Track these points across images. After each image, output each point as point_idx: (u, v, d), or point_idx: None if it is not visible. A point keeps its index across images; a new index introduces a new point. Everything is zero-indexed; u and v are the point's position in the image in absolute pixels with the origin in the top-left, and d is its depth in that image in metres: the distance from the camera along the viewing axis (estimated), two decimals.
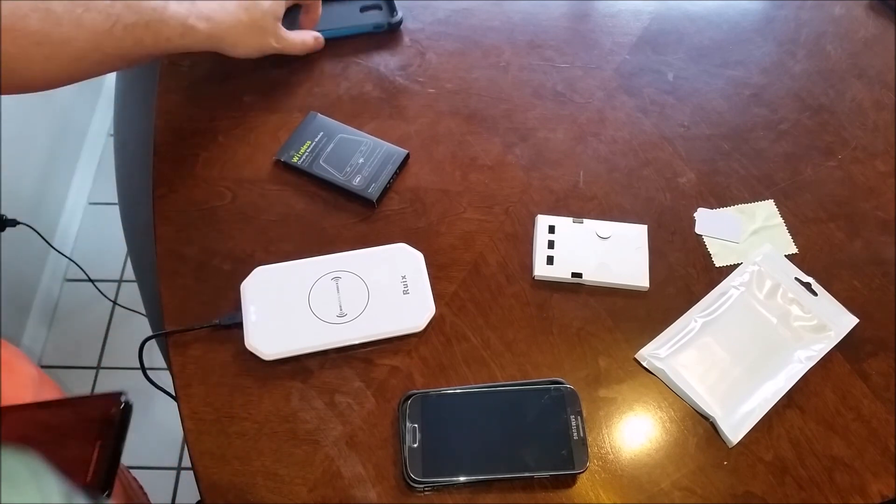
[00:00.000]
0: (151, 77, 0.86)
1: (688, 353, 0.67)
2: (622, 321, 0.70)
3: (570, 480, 0.62)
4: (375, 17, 0.87)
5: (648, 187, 0.78)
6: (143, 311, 0.78)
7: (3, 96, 1.35)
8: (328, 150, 0.77)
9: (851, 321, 0.69)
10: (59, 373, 1.56)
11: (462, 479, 0.60)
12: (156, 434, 1.46)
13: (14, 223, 1.36)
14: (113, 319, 1.64)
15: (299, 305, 0.68)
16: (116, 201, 1.04)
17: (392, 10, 0.87)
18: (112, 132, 1.02)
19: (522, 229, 0.75)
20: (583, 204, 0.77)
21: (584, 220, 0.74)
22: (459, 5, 0.92)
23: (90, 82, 1.77)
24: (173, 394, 0.67)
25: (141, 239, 0.94)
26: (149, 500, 0.70)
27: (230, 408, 0.65)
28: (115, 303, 1.63)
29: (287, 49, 0.80)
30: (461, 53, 0.88)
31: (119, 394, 0.43)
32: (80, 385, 1.54)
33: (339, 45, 0.88)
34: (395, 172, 0.76)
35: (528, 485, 0.61)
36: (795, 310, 0.69)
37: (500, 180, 0.78)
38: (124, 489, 0.62)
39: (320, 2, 0.81)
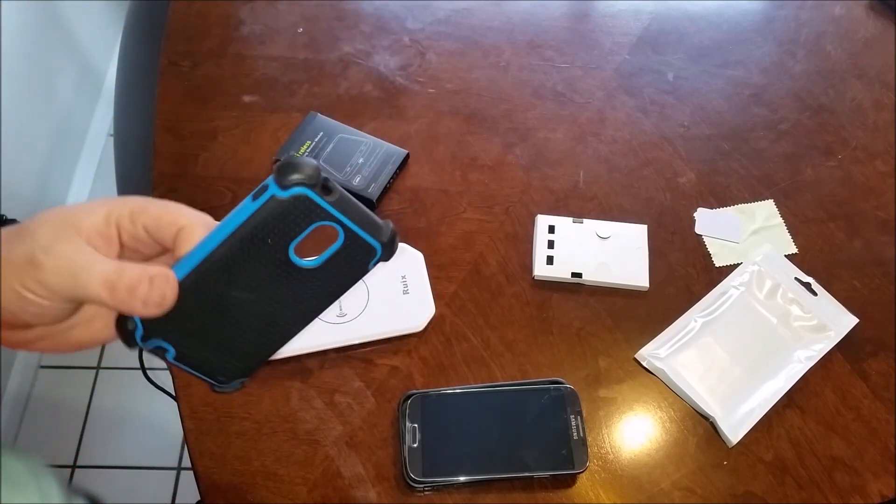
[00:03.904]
0: (151, 77, 0.86)
1: (688, 353, 0.67)
2: (622, 321, 0.70)
3: (569, 480, 0.62)
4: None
5: (648, 187, 0.78)
6: None
7: (3, 96, 1.35)
8: (328, 150, 0.77)
9: (851, 321, 0.69)
10: (59, 373, 1.56)
11: (462, 478, 0.60)
12: (156, 434, 1.46)
13: (14, 223, 1.36)
14: None
15: None
16: None
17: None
18: (112, 132, 1.03)
19: (522, 229, 0.75)
20: (583, 204, 0.77)
21: (584, 220, 0.74)
22: (459, 5, 0.92)
23: (90, 82, 1.77)
24: (173, 394, 0.67)
25: None
26: None
27: (230, 408, 0.65)
28: None
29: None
30: (461, 53, 0.88)
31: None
32: (80, 385, 1.54)
33: (338, 45, 0.88)
34: (395, 172, 0.76)
35: (528, 485, 0.61)
36: (795, 310, 0.69)
37: (500, 180, 0.78)
38: None
39: (198, 227, 0.39)
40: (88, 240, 0.36)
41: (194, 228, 0.38)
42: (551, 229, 0.74)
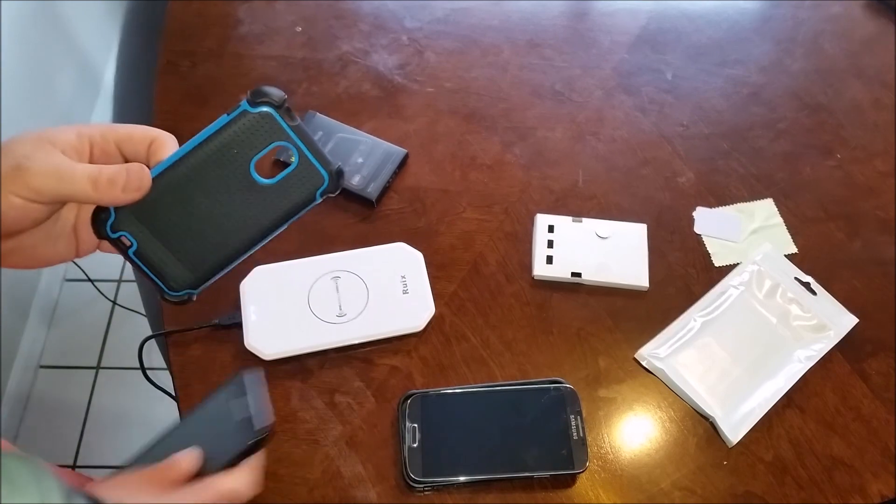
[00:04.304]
0: (151, 77, 0.86)
1: (687, 353, 0.67)
2: (622, 321, 0.70)
3: (569, 480, 0.62)
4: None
5: (647, 186, 0.78)
6: (143, 311, 0.78)
7: (3, 96, 1.35)
8: (327, 149, 0.77)
9: (851, 321, 0.69)
10: (59, 373, 1.56)
11: (462, 478, 0.60)
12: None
13: None
14: (113, 319, 1.64)
15: (299, 305, 0.67)
16: None
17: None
18: None
19: (522, 229, 0.75)
20: (582, 203, 0.77)
21: (584, 220, 0.74)
22: (458, 4, 0.92)
23: (90, 82, 1.77)
24: (173, 394, 0.67)
25: None
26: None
27: None
28: (115, 303, 1.63)
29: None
30: (460, 52, 0.88)
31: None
32: (80, 385, 1.54)
33: (337, 44, 0.88)
34: (395, 172, 0.76)
35: (528, 485, 0.61)
36: (795, 309, 0.69)
37: (500, 180, 0.78)
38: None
39: (169, 139, 0.44)
40: (63, 152, 0.41)
41: (165, 140, 0.43)
42: (551, 229, 0.74)
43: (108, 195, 0.40)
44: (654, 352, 0.67)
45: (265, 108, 0.41)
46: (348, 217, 0.75)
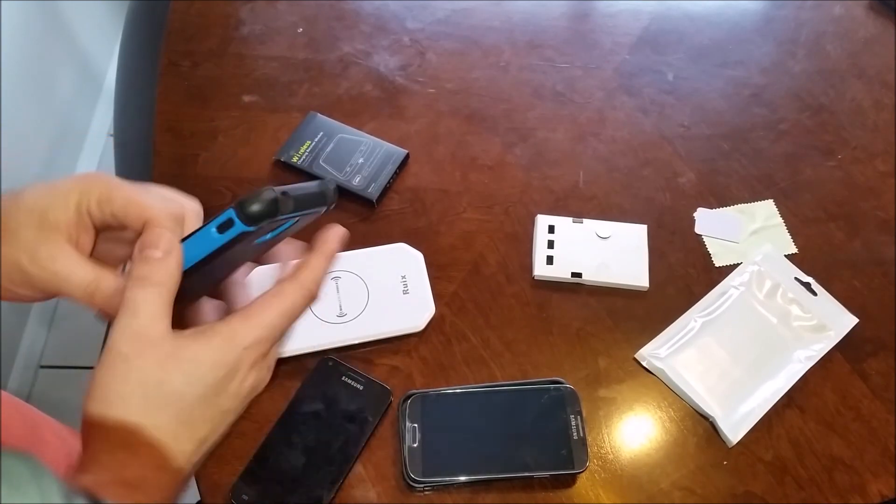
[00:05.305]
0: (151, 77, 0.86)
1: (688, 353, 0.67)
2: (622, 321, 0.70)
3: (569, 480, 0.62)
4: None
5: (648, 187, 0.78)
6: None
7: (3, 96, 1.35)
8: (328, 149, 0.77)
9: (851, 321, 0.69)
10: (59, 373, 1.56)
11: (462, 478, 0.60)
12: None
13: None
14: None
15: None
16: None
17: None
18: (112, 132, 1.03)
19: (522, 229, 0.75)
20: (582, 204, 0.77)
21: (584, 220, 0.74)
22: (459, 5, 0.92)
23: (90, 82, 1.77)
24: None
25: None
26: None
27: None
28: None
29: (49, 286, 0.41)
30: (461, 53, 0.88)
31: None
32: (80, 385, 1.54)
33: (338, 45, 0.88)
34: (395, 172, 0.76)
35: (528, 484, 0.61)
36: (795, 310, 0.69)
37: (500, 180, 0.78)
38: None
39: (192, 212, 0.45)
40: (68, 235, 0.40)
41: (160, 222, 0.40)
42: (551, 229, 0.74)
43: (105, 310, 0.40)
44: (655, 352, 0.67)
45: (263, 222, 0.37)
46: (348, 217, 0.75)
